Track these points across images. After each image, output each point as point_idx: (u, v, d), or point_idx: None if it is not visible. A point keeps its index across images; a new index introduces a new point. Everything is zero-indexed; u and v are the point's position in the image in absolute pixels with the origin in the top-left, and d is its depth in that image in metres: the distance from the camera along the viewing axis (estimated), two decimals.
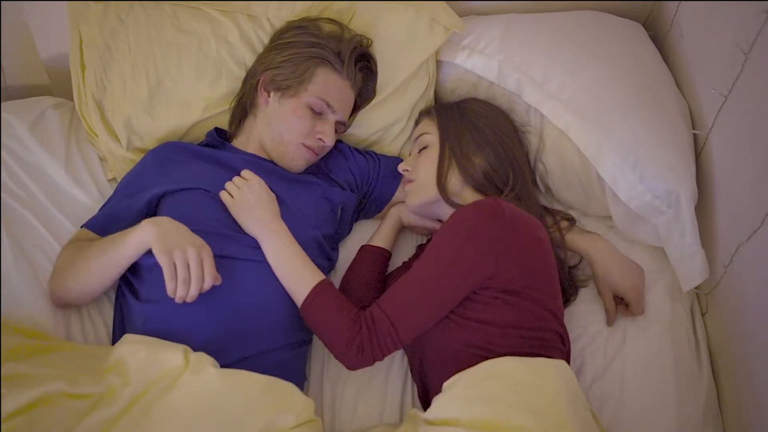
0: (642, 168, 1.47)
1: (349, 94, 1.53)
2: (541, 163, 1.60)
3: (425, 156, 1.49)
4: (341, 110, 1.51)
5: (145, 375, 1.15)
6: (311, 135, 1.48)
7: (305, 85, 1.48)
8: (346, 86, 1.52)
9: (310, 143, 1.48)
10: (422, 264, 1.27)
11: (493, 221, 1.25)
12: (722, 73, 1.43)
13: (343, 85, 1.51)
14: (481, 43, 1.65)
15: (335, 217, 1.51)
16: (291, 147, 1.49)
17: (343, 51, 1.50)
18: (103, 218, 1.45)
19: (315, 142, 1.49)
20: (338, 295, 1.31)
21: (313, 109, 1.48)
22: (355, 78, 1.53)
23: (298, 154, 1.49)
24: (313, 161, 1.53)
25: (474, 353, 1.24)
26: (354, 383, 1.45)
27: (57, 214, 1.51)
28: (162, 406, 1.12)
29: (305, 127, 1.47)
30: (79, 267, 1.34)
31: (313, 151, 1.50)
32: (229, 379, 1.17)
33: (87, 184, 1.58)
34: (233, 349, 1.28)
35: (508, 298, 1.25)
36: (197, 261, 1.21)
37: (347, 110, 1.55)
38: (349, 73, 1.51)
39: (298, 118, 1.47)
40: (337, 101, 1.49)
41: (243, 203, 1.37)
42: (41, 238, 1.45)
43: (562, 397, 1.15)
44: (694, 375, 1.44)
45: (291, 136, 1.48)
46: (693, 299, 1.54)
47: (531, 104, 1.59)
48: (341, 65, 1.50)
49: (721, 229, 1.46)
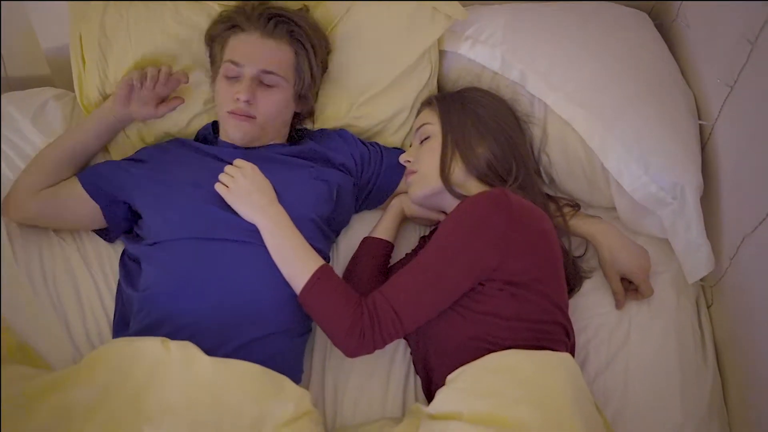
0: (647, 159, 1.46)
1: (263, 43, 1.47)
2: (545, 154, 1.59)
3: (427, 147, 1.48)
4: (252, 62, 1.45)
5: (120, 369, 1.15)
6: (231, 99, 1.45)
7: (221, 58, 1.50)
8: (253, 38, 1.47)
9: (232, 107, 1.46)
10: (427, 253, 1.27)
11: (500, 213, 1.24)
12: (728, 63, 1.42)
13: (250, 38, 1.47)
14: (485, 33, 1.64)
15: (331, 199, 1.49)
16: (223, 120, 1.49)
17: (249, 9, 1.49)
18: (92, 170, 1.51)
19: (236, 104, 1.45)
20: (339, 280, 1.30)
21: (228, 76, 1.47)
22: (266, 27, 1.47)
23: (230, 124, 1.47)
24: (251, 128, 1.47)
25: (478, 345, 1.24)
26: (356, 376, 1.44)
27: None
28: (155, 400, 1.12)
29: (225, 95, 1.46)
30: (31, 163, 1.48)
31: (240, 115, 1.46)
32: (222, 368, 1.17)
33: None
34: (230, 333, 1.28)
35: (513, 290, 1.24)
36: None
37: (264, 60, 1.47)
38: (255, 25, 1.47)
39: (217, 91, 1.49)
40: (243, 55, 1.46)
41: (238, 190, 1.36)
42: (41, 232, 1.46)
43: (567, 391, 1.15)
44: (699, 368, 1.44)
45: (219, 109, 1.50)
46: (698, 291, 1.54)
47: (535, 95, 1.58)
48: (246, 21, 1.48)
49: (726, 220, 1.45)
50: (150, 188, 1.42)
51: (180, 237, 1.35)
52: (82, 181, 1.46)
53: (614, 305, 1.50)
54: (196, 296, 1.30)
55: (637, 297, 1.49)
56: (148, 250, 1.37)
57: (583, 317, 1.49)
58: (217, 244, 1.33)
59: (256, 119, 1.47)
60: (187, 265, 1.32)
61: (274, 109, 1.49)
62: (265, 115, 1.48)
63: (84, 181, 1.47)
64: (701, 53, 1.60)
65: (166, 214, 1.38)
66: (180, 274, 1.32)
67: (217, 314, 1.29)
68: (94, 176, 1.48)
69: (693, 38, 1.64)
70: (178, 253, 1.34)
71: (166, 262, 1.34)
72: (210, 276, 1.30)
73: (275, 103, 1.48)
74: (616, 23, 1.68)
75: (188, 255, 1.33)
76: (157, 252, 1.36)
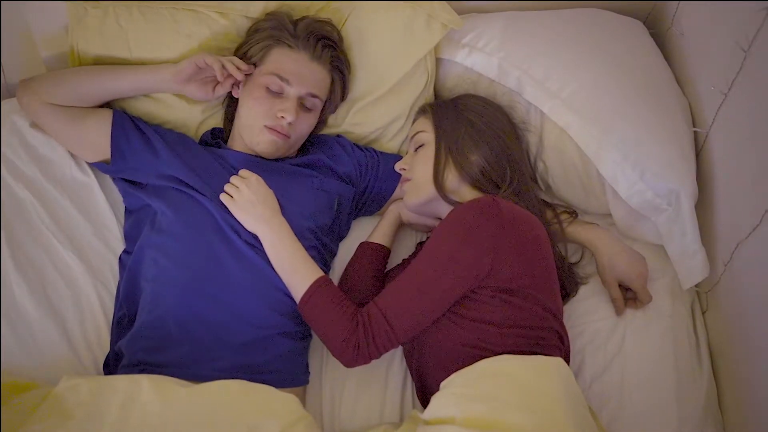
0: (642, 166, 1.46)
1: (311, 67, 1.50)
2: (542, 161, 1.60)
3: (421, 154, 1.48)
4: (300, 83, 1.48)
5: (88, 409, 1.13)
6: (271, 115, 1.46)
7: (259, 66, 1.49)
8: (302, 59, 1.49)
9: (271, 123, 1.46)
10: (419, 263, 1.27)
11: (490, 220, 1.25)
12: (722, 71, 1.43)
13: (299, 57, 1.49)
14: (482, 40, 1.65)
15: (332, 209, 1.51)
16: (255, 131, 1.48)
17: (299, 28, 1.50)
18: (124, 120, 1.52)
19: (277, 121, 1.46)
20: (336, 292, 1.31)
21: (270, 89, 1.47)
22: (314, 50, 1.49)
23: (263, 138, 1.48)
24: (284, 144, 1.50)
25: (472, 352, 1.24)
26: (354, 382, 1.44)
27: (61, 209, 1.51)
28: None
29: (263, 107, 1.46)
30: (58, 76, 1.50)
31: (278, 132, 1.47)
32: (202, 394, 1.17)
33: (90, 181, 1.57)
34: (234, 330, 1.32)
35: (506, 296, 1.25)
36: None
37: (311, 83, 1.50)
38: (304, 45, 1.49)
39: (254, 100, 1.47)
40: (292, 74, 1.47)
41: (242, 201, 1.38)
42: (41, 235, 1.46)
43: (560, 396, 1.15)
44: (694, 373, 1.44)
45: (253, 119, 1.48)
46: (693, 297, 1.54)
47: (531, 102, 1.59)
48: (295, 40, 1.49)
49: (721, 226, 1.46)
50: (172, 181, 1.43)
51: (191, 234, 1.37)
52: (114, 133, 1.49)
53: (609, 311, 1.50)
54: (202, 290, 1.33)
55: (636, 305, 1.49)
56: (158, 239, 1.39)
57: (578, 323, 1.49)
58: (226, 243, 1.36)
59: (290, 138, 1.49)
60: (196, 259, 1.35)
61: (306, 131, 1.54)
62: (299, 135, 1.52)
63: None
64: (695, 61, 1.61)
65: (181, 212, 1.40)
66: (188, 265, 1.35)
67: (222, 311, 1.32)
68: (124, 145, 1.49)
69: (687, 46, 1.65)
70: (187, 247, 1.36)
71: (176, 253, 1.36)
72: (217, 272, 1.34)
73: (310, 125, 1.53)
74: (611, 31, 1.69)
75: (197, 250, 1.36)
76: (168, 241, 1.38)
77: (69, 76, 1.50)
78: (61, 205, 1.51)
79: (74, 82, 1.49)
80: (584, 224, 1.53)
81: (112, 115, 1.51)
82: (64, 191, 1.52)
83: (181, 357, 1.30)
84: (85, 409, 1.13)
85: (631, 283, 1.47)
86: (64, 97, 1.48)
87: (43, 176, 1.52)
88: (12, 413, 1.14)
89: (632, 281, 1.47)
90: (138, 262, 1.40)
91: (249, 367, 1.31)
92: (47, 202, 1.50)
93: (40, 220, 1.48)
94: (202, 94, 1.51)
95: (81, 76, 1.50)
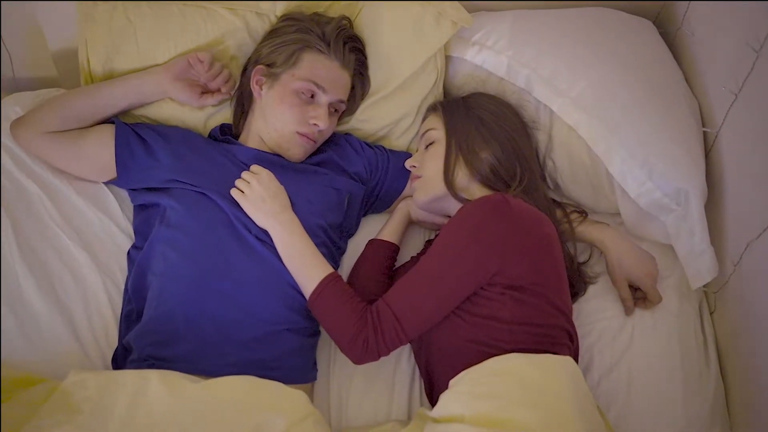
0: (651, 165, 1.46)
1: (341, 74, 1.51)
2: (551, 159, 1.60)
3: (432, 152, 1.48)
4: (333, 90, 1.49)
5: (95, 403, 1.13)
6: (304, 121, 1.47)
7: (291, 71, 1.48)
8: (335, 66, 1.50)
9: (304, 130, 1.47)
10: (428, 260, 1.27)
11: (499, 217, 1.25)
12: (733, 71, 1.42)
13: (332, 65, 1.49)
14: (491, 39, 1.65)
15: (342, 207, 1.51)
16: (286, 136, 1.48)
17: (328, 33, 1.49)
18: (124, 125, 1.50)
19: (309, 128, 1.47)
20: (345, 289, 1.31)
21: (303, 94, 1.47)
22: (344, 58, 1.51)
23: (294, 143, 1.49)
24: (311, 149, 1.52)
25: (480, 350, 1.24)
26: (361, 379, 1.45)
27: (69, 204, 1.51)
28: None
29: (296, 114, 1.46)
30: (49, 104, 1.48)
31: (309, 138, 1.49)
32: (210, 390, 1.17)
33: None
34: (243, 325, 1.32)
35: (515, 294, 1.25)
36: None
37: (342, 90, 1.52)
38: (336, 53, 1.49)
39: (288, 106, 1.47)
40: (326, 81, 1.47)
41: (253, 197, 1.38)
42: (48, 230, 1.46)
43: (568, 394, 1.15)
44: (701, 373, 1.44)
45: (284, 125, 1.48)
46: (701, 297, 1.54)
47: (540, 101, 1.58)
48: (327, 47, 1.49)
49: (730, 227, 1.46)
50: (178, 178, 1.43)
51: (200, 228, 1.37)
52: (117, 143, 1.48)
53: (618, 310, 1.50)
54: (211, 285, 1.33)
55: (646, 305, 1.49)
56: (167, 233, 1.39)
57: (586, 321, 1.49)
58: (236, 238, 1.36)
59: (316, 143, 1.52)
60: (205, 254, 1.35)
61: (329, 134, 1.56)
62: (323, 139, 1.54)
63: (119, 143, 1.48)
64: (706, 61, 1.60)
65: (191, 207, 1.40)
66: (197, 260, 1.35)
67: (230, 306, 1.33)
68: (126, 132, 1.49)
69: (697, 46, 1.64)
70: (196, 241, 1.36)
71: (185, 248, 1.36)
72: (226, 267, 1.34)
73: (333, 129, 1.55)
74: (621, 31, 1.69)
75: (207, 244, 1.36)
76: (177, 236, 1.37)
77: (60, 100, 1.49)
78: (69, 200, 1.51)
79: (67, 105, 1.48)
80: (594, 223, 1.53)
81: (114, 131, 1.49)
82: (71, 186, 1.52)
83: (188, 352, 1.30)
84: (93, 403, 1.13)
85: (641, 283, 1.47)
86: (61, 122, 1.47)
87: (50, 171, 1.52)
88: (19, 407, 1.14)
89: (641, 281, 1.47)
90: (147, 258, 1.40)
91: (257, 363, 1.31)
92: (55, 197, 1.50)
93: (48, 214, 1.48)
94: (187, 95, 1.51)
95: (72, 98, 1.49)
